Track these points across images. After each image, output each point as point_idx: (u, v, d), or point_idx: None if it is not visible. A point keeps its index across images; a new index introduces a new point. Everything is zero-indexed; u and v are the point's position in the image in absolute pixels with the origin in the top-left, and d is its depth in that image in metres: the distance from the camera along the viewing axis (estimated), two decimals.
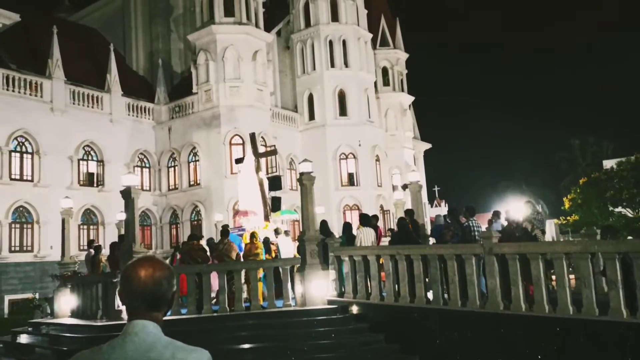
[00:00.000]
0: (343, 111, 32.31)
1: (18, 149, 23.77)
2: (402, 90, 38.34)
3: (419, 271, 10.11)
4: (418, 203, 15.69)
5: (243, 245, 14.43)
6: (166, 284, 2.07)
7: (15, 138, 23.57)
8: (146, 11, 32.94)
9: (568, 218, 32.74)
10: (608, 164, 36.92)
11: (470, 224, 11.50)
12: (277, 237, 16.17)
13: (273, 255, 14.93)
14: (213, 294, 12.58)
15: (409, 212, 13.86)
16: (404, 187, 19.76)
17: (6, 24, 22.60)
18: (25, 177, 23.79)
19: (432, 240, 13.86)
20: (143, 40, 32.72)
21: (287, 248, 15.99)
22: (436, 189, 49.43)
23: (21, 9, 23.20)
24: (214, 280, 12.45)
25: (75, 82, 25.87)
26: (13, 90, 23.45)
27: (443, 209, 43.59)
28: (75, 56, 27.17)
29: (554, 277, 8.83)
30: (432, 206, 46.14)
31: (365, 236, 12.28)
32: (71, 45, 26.93)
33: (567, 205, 32.87)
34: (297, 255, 13.68)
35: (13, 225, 23.21)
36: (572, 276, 9.59)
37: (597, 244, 8.48)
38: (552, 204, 44.70)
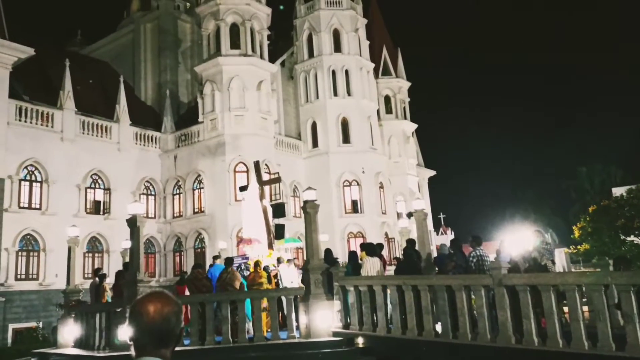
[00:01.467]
0: (346, 139, 32.79)
1: (28, 177, 24.20)
2: (405, 118, 38.89)
3: (427, 302, 9.83)
4: (424, 231, 15.50)
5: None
6: (174, 319, 2.06)
7: (26, 167, 24.03)
8: (155, 44, 33.93)
9: (578, 247, 32.51)
10: (617, 191, 36.74)
11: (478, 254, 11.21)
12: (278, 266, 16.15)
13: (273, 284, 14.81)
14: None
15: (410, 242, 13.72)
16: (409, 215, 19.80)
17: (21, 57, 23.37)
18: (33, 206, 24.13)
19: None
20: (152, 71, 33.61)
21: (290, 277, 16.03)
22: (442, 216, 49.51)
23: (36, 43, 24.02)
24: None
25: (86, 112, 26.52)
26: (25, 121, 24.05)
27: (449, 237, 43.60)
28: (86, 87, 27.93)
29: (566, 309, 8.59)
30: (437, 234, 46.16)
31: (370, 266, 12.01)
32: (82, 77, 27.73)
33: (577, 233, 32.60)
34: (301, 285, 13.58)
35: (20, 253, 23.41)
36: (585, 308, 9.36)
37: (610, 276, 8.08)
38: (561, 232, 44.52)
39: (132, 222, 13.27)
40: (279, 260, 16.66)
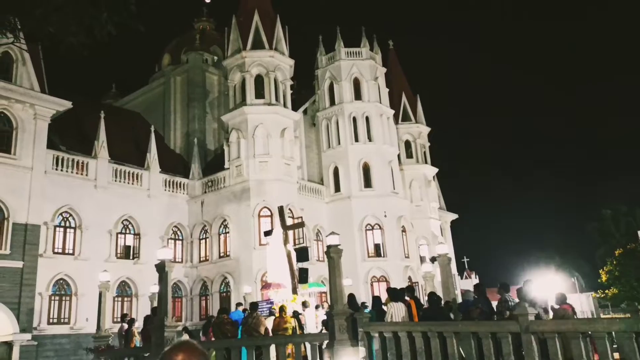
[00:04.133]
0: (368, 183, 33.32)
1: (62, 223, 25.11)
2: (426, 162, 39.40)
3: (453, 350, 9.63)
4: (448, 276, 15.24)
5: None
6: None
7: (61, 214, 24.97)
8: (184, 96, 35.61)
9: (606, 291, 31.94)
10: None
11: (505, 299, 11.11)
12: (304, 311, 16.24)
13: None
14: None
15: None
16: (433, 259, 19.86)
17: (59, 110, 24.80)
18: (67, 251, 24.89)
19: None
20: (181, 121, 35.12)
21: (313, 322, 16.15)
22: (465, 260, 48.99)
23: (73, 97, 25.48)
24: None
25: (118, 160, 27.67)
26: (62, 170, 25.21)
27: (473, 281, 43.04)
28: (119, 137, 29.16)
29: (597, 356, 8.46)
30: (462, 278, 45.58)
31: (395, 311, 11.79)
32: (116, 128, 29.04)
33: (604, 278, 32.07)
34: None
35: (53, 298, 23.96)
36: (616, 355, 9.21)
37: None
38: (587, 276, 43.58)
39: (161, 267, 13.67)
40: (304, 305, 16.85)
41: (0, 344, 21.03)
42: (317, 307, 18.98)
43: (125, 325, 17.28)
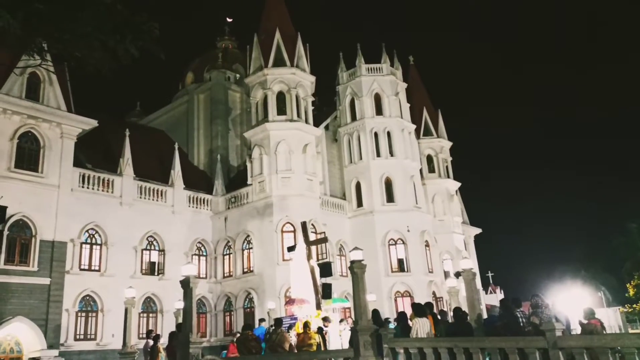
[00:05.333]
0: (390, 198, 33.13)
1: (88, 240, 25.49)
2: (448, 177, 39.07)
3: None
4: (473, 292, 15.10)
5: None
6: None
7: (87, 230, 25.35)
8: (207, 113, 36.11)
9: (634, 306, 31.11)
10: None
11: (519, 315, 10.96)
12: (326, 326, 16.10)
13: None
14: None
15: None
16: (457, 274, 19.58)
17: (85, 129, 25.31)
18: (93, 267, 25.22)
19: None
20: (204, 138, 35.58)
21: (337, 337, 15.98)
22: (490, 274, 48.22)
23: (99, 115, 26.00)
24: None
25: (143, 178, 28.07)
26: (87, 187, 25.66)
27: (498, 296, 42.24)
28: (144, 155, 29.62)
29: None
30: (486, 293, 44.84)
31: (420, 327, 11.74)
32: (140, 145, 29.52)
33: (631, 292, 31.29)
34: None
35: (79, 314, 24.27)
36: None
37: None
38: (614, 290, 42.46)
39: (186, 283, 13.64)
40: (325, 320, 16.72)
41: None
42: (341, 321, 18.83)
43: (151, 342, 17.35)
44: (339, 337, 16.11)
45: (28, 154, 23.23)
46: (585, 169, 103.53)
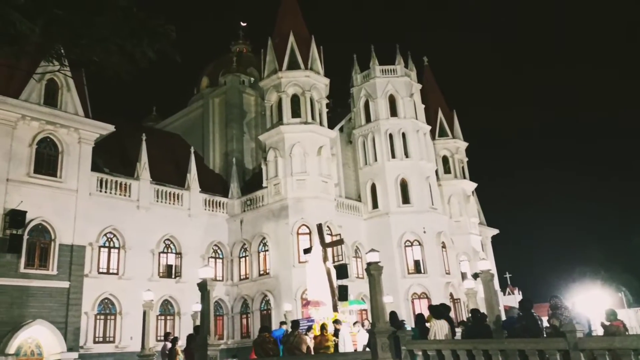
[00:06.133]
0: (406, 199, 32.99)
1: (106, 244, 25.74)
2: (464, 177, 38.78)
3: None
4: (491, 293, 14.96)
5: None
6: None
7: (105, 234, 25.63)
8: (222, 117, 36.33)
9: None
10: None
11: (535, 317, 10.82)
12: (337, 328, 15.98)
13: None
14: None
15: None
16: (475, 276, 19.45)
17: (103, 134, 25.61)
18: (111, 271, 25.47)
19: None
20: (219, 142, 35.79)
21: (350, 339, 15.84)
22: (507, 275, 47.74)
23: (115, 120, 26.28)
24: None
25: (159, 181, 28.30)
26: (105, 191, 25.92)
27: (517, 297, 41.81)
28: (160, 159, 29.86)
29: None
30: (504, 294, 44.42)
31: (438, 329, 11.68)
32: (157, 150, 29.78)
33: None
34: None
35: (98, 317, 24.48)
36: None
37: None
38: (635, 291, 41.73)
39: (203, 286, 13.72)
40: (337, 322, 16.59)
41: None
42: (354, 323, 18.74)
43: (169, 344, 17.44)
44: (350, 340, 16.01)
45: (47, 159, 23.54)
46: (603, 169, 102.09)
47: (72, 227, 23.27)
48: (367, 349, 13.66)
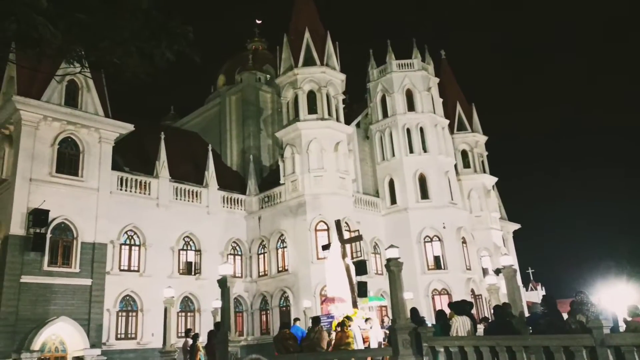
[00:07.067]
0: (424, 194, 32.76)
1: (127, 242, 26.08)
2: (484, 172, 38.37)
3: None
4: (514, 289, 14.75)
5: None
6: None
7: (126, 232, 25.97)
8: (239, 115, 36.47)
9: None
10: None
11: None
12: (349, 326, 16.11)
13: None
14: None
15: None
16: (497, 271, 19.18)
17: (122, 133, 25.91)
18: (132, 268, 25.82)
19: None
20: (236, 139, 35.95)
21: (359, 336, 15.78)
22: (530, 271, 47.21)
23: (134, 120, 26.56)
24: None
25: (178, 179, 28.53)
26: (125, 190, 26.25)
27: (539, 293, 41.31)
28: (179, 157, 30.10)
29: None
30: (527, 290, 43.92)
31: (460, 325, 11.49)
32: (175, 148, 29.99)
33: None
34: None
35: (120, 314, 24.84)
36: None
37: None
38: None
39: (223, 283, 13.90)
40: (348, 319, 16.52)
41: (73, 359, 21.95)
42: (366, 320, 18.59)
43: (190, 340, 17.61)
44: (360, 336, 15.95)
45: (68, 159, 23.89)
46: (631, 164, 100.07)
47: (93, 226, 23.61)
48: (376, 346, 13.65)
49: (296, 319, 18.76)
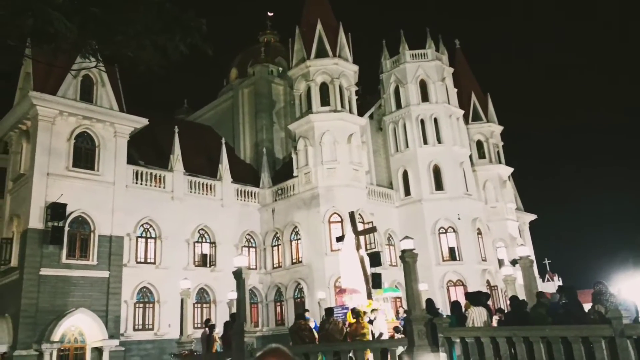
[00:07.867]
0: (439, 185, 32.59)
1: (143, 234, 26.37)
2: (500, 162, 38.04)
3: (540, 355, 9.24)
4: (531, 279, 14.68)
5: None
6: None
7: (142, 225, 26.24)
8: (252, 108, 36.51)
9: None
10: None
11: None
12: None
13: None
14: None
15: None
16: (513, 262, 19.10)
17: (137, 127, 26.12)
18: (148, 260, 26.12)
19: None
20: (249, 132, 36.02)
21: (378, 328, 15.78)
22: (547, 262, 46.82)
23: (148, 114, 26.76)
24: None
25: (192, 173, 28.72)
26: (141, 184, 26.52)
27: (556, 284, 40.95)
28: (192, 150, 30.25)
29: None
30: (543, 281, 43.58)
31: (477, 316, 11.53)
32: (189, 141, 30.18)
33: None
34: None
35: (137, 305, 25.18)
36: None
37: None
38: None
39: (238, 274, 14.07)
40: (353, 311, 16.49)
41: (92, 350, 22.34)
42: (372, 310, 18.53)
43: (208, 331, 17.79)
44: (385, 327, 15.98)
45: (84, 153, 24.20)
46: None
47: (110, 219, 23.93)
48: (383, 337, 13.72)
49: (305, 310, 18.85)
